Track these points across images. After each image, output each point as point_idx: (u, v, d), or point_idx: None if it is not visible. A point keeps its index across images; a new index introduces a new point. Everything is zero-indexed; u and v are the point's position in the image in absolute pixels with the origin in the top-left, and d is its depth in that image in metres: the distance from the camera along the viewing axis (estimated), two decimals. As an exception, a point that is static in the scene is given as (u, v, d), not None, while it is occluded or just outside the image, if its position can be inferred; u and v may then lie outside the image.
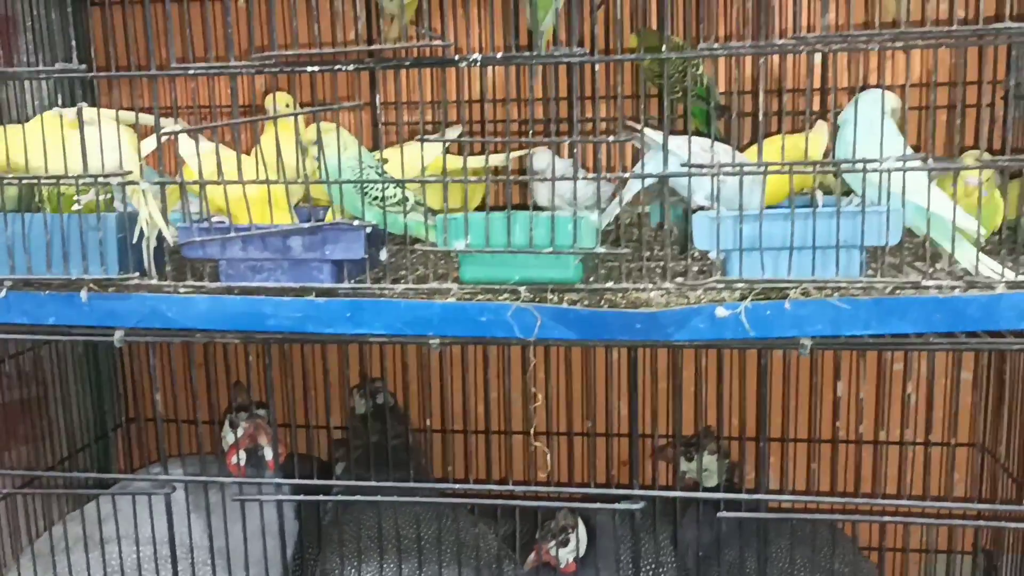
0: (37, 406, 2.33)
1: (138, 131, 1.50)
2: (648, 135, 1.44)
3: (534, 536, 1.82)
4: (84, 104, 1.43)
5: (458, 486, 1.71)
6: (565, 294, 1.39)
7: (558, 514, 1.81)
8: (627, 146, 1.78)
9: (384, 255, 1.49)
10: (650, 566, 1.99)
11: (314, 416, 2.43)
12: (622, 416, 2.38)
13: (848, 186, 1.44)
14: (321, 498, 1.83)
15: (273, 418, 1.82)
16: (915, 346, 1.38)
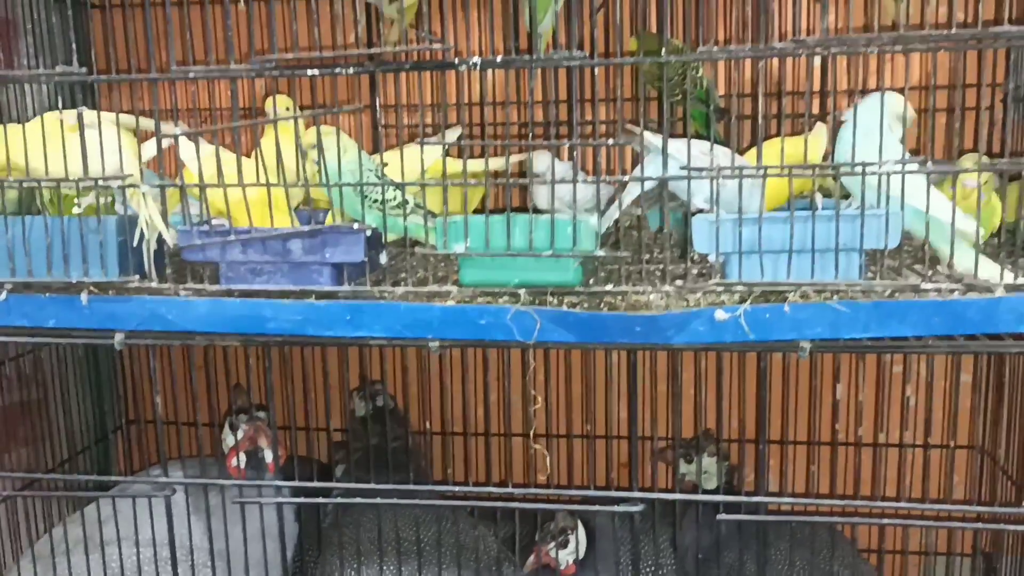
0: (37, 408, 2.34)
1: (138, 135, 1.51)
2: (647, 138, 1.44)
3: (534, 538, 1.82)
4: (84, 108, 1.43)
5: (458, 488, 1.71)
6: (565, 297, 1.39)
7: (557, 516, 1.81)
8: (626, 149, 1.79)
9: (384, 258, 1.49)
10: (649, 568, 1.99)
11: (314, 418, 2.43)
12: (621, 419, 2.38)
13: (847, 189, 1.44)
14: (321, 500, 1.83)
15: (273, 420, 1.82)
16: (914, 349, 1.38)
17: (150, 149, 1.51)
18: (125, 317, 1.46)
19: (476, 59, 1.36)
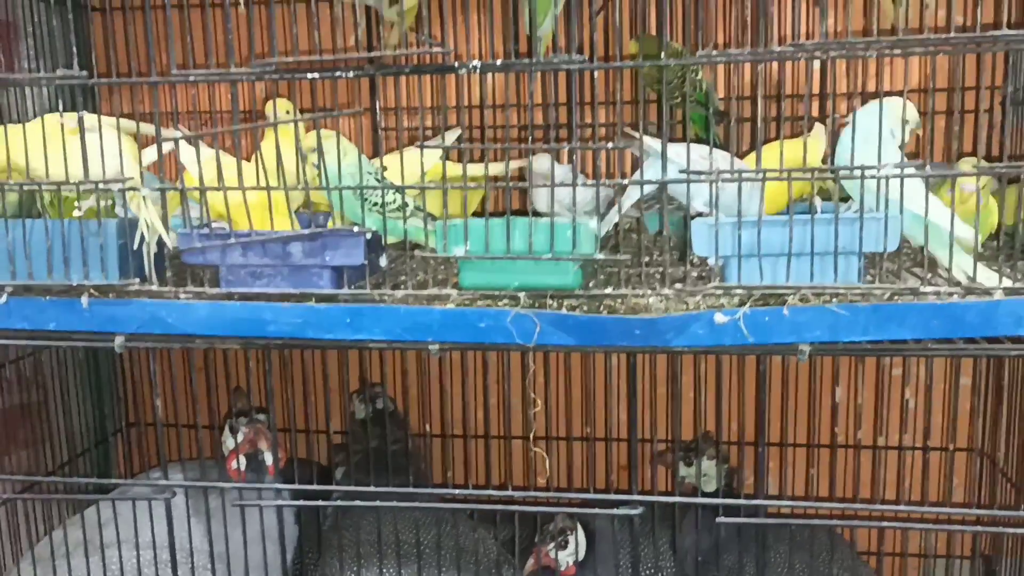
0: (37, 411, 2.34)
1: (139, 140, 1.51)
2: (647, 143, 1.45)
3: (533, 541, 1.82)
4: (85, 113, 1.43)
5: (457, 491, 1.71)
6: (564, 300, 1.39)
7: (556, 517, 1.81)
8: (626, 151, 1.79)
9: (384, 261, 1.49)
10: (649, 571, 2.00)
11: (314, 421, 2.44)
12: (621, 421, 2.39)
13: (846, 192, 1.45)
14: (321, 503, 1.83)
15: (273, 423, 1.82)
16: (913, 352, 1.38)
17: (151, 153, 1.51)
18: (125, 320, 1.46)
19: (476, 63, 1.36)
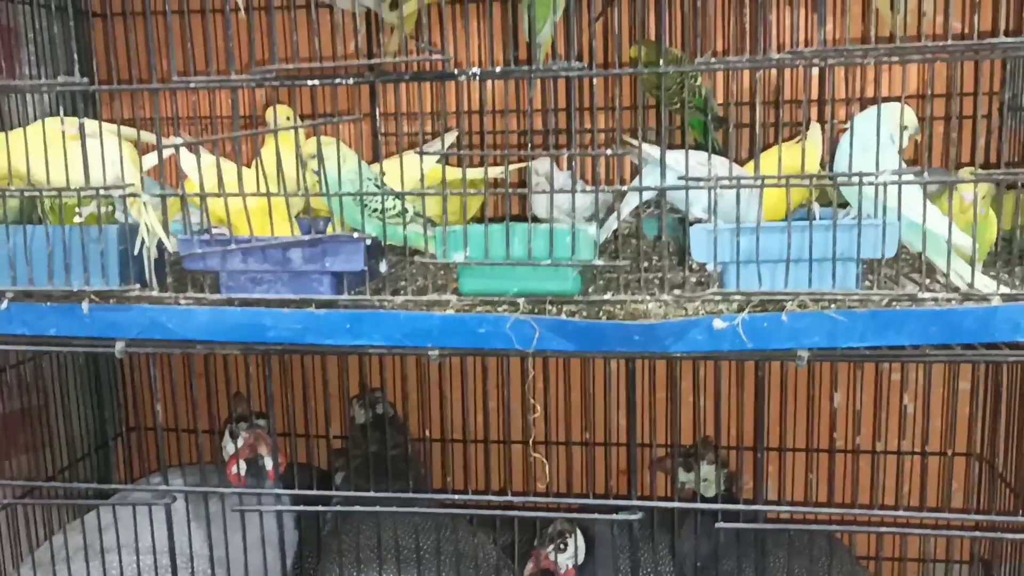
0: (38, 416, 2.34)
1: (139, 146, 1.51)
2: (646, 150, 1.45)
3: (533, 546, 1.82)
4: (86, 119, 1.44)
5: (457, 496, 1.72)
6: (563, 306, 1.39)
7: (555, 520, 1.81)
8: (625, 157, 1.79)
9: (384, 267, 1.50)
10: (648, 576, 2.00)
11: (314, 426, 2.44)
12: (620, 426, 2.39)
13: (844, 198, 1.45)
14: (321, 508, 1.83)
15: (273, 428, 1.83)
16: (911, 358, 1.38)
17: (152, 159, 1.52)
18: (126, 325, 1.47)
19: (475, 70, 1.36)
